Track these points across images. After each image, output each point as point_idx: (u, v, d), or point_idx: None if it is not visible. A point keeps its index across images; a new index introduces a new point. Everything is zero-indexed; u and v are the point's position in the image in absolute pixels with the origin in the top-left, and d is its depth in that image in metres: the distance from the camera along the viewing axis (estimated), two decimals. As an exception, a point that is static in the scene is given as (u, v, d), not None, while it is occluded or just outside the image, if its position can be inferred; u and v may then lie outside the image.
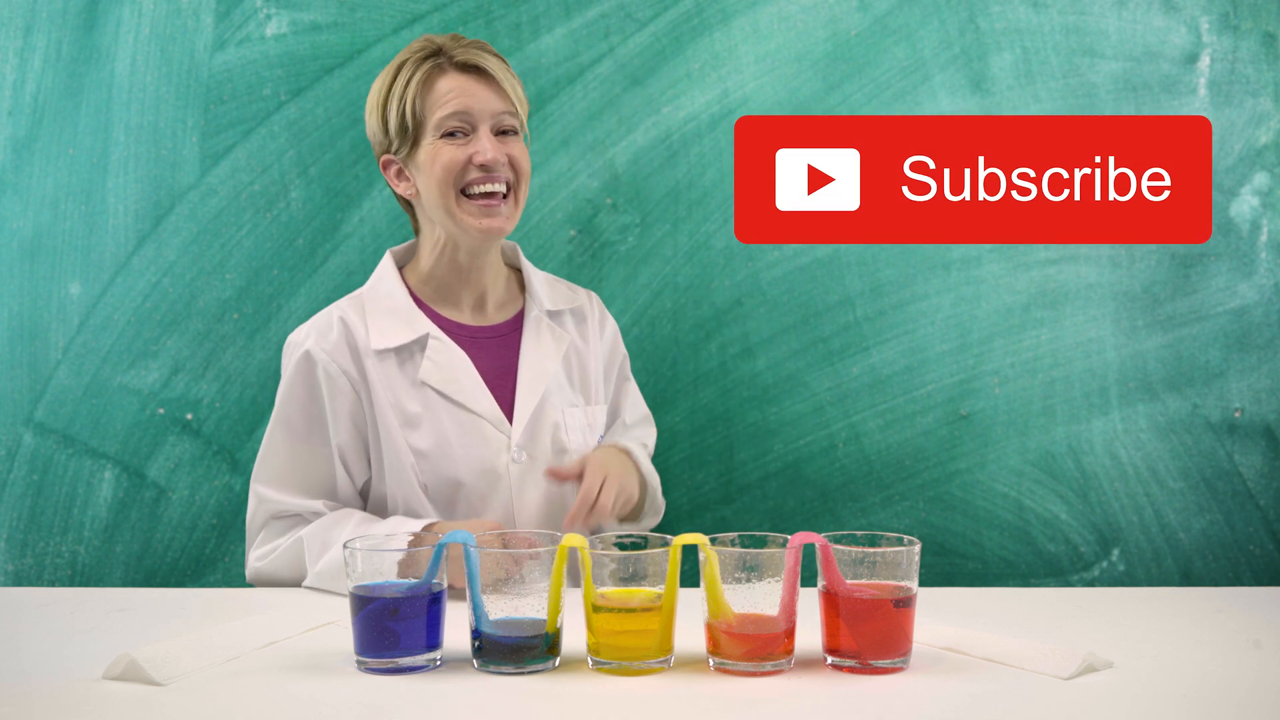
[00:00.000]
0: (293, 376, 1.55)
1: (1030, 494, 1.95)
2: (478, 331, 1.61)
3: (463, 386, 1.55)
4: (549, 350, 1.61)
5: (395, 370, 1.55)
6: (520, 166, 1.56)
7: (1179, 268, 1.95)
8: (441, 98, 1.52)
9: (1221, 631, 1.29)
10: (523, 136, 1.58)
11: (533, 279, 1.65)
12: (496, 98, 1.54)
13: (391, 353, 1.55)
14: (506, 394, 1.58)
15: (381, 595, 1.11)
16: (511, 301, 1.66)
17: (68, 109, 1.92)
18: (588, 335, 1.67)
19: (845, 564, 1.12)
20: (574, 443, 1.60)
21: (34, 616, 1.36)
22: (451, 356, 1.56)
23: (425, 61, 1.54)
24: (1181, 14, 1.94)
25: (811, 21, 1.95)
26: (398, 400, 1.54)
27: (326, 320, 1.57)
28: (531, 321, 1.63)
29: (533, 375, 1.59)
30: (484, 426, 1.55)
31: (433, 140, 1.53)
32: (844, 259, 1.95)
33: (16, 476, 1.92)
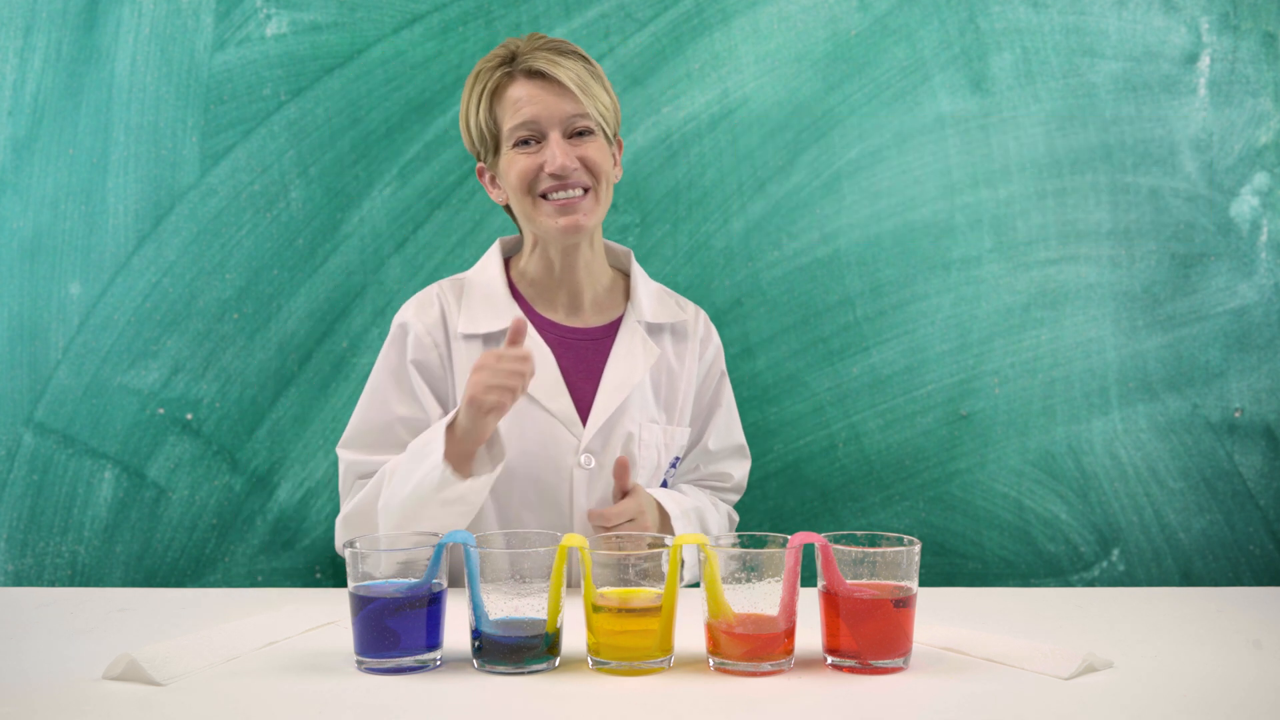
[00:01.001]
0: (388, 346, 1.58)
1: (1030, 494, 1.95)
2: (569, 332, 1.60)
3: (541, 382, 1.54)
4: (638, 361, 1.59)
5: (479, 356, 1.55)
6: (596, 167, 1.53)
7: (1179, 268, 1.95)
8: (511, 107, 1.52)
9: (1221, 631, 1.29)
10: (603, 135, 1.55)
11: (638, 287, 1.63)
12: (565, 102, 1.51)
13: (479, 338, 1.56)
14: (587, 398, 1.57)
15: (381, 595, 1.11)
16: (614, 307, 1.64)
17: (68, 109, 1.92)
18: (685, 354, 1.64)
19: (845, 564, 1.12)
20: (646, 458, 1.58)
21: (34, 616, 1.36)
22: (536, 352, 1.55)
23: (497, 70, 1.53)
24: (1181, 14, 1.94)
25: (811, 21, 1.95)
26: None
27: (428, 296, 1.60)
28: (626, 330, 1.61)
29: (616, 383, 1.57)
30: (555, 426, 1.54)
31: (508, 149, 1.53)
32: (844, 259, 1.95)
33: (16, 476, 1.92)
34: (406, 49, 1.93)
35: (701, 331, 1.67)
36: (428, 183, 1.94)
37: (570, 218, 1.52)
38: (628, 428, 1.57)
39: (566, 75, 1.51)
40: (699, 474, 1.69)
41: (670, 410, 1.62)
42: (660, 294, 1.67)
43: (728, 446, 1.70)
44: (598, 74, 1.56)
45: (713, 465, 1.69)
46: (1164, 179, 1.94)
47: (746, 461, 1.74)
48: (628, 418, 1.57)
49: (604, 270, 1.64)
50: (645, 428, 1.59)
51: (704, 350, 1.67)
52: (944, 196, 1.95)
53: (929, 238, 1.95)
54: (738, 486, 1.73)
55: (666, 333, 1.64)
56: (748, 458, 1.74)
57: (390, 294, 1.93)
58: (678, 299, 1.69)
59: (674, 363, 1.63)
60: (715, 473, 1.70)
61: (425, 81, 1.93)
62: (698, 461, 1.68)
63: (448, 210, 1.94)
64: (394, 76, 1.93)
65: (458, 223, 1.94)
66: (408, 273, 1.93)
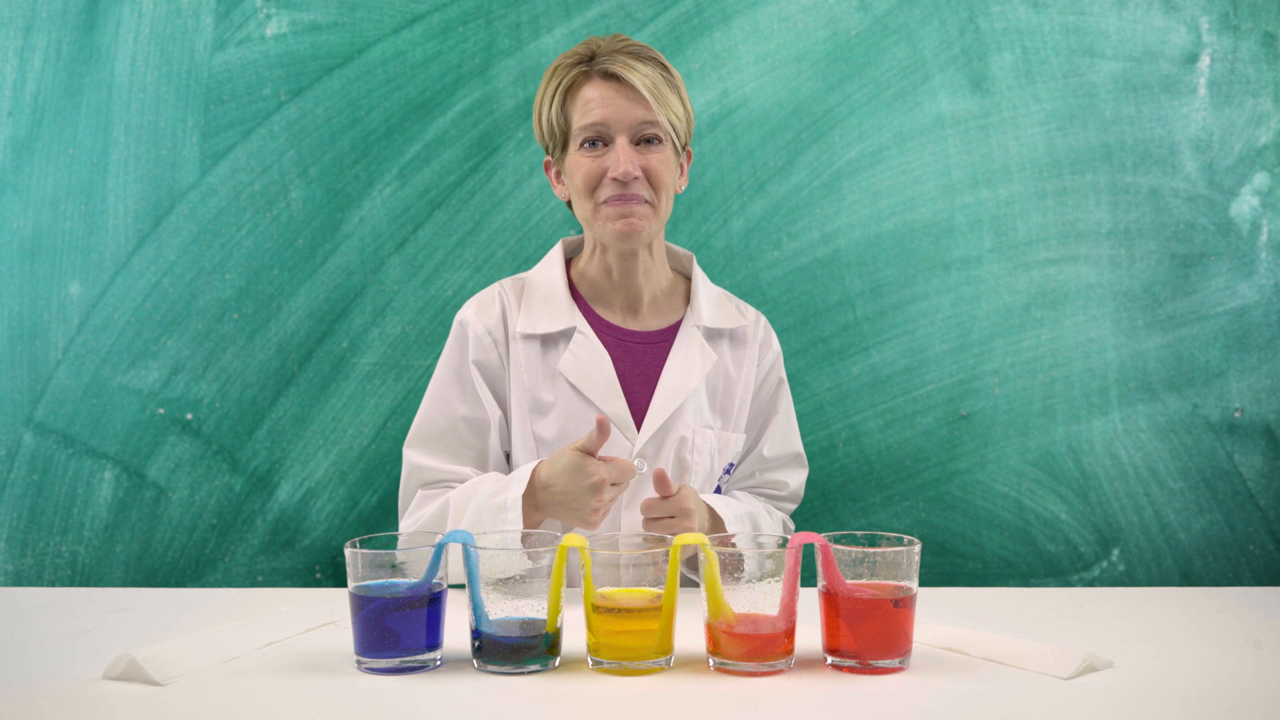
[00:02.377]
0: (450, 344, 1.60)
1: (1030, 494, 1.95)
2: (626, 334, 1.60)
3: (597, 384, 1.55)
4: (695, 366, 1.58)
5: (537, 356, 1.56)
6: (658, 179, 1.52)
7: (1179, 268, 1.95)
8: (582, 106, 1.52)
9: (1221, 631, 1.29)
10: (672, 145, 1.54)
11: (698, 292, 1.63)
12: (637, 108, 1.50)
13: (537, 339, 1.57)
14: (642, 401, 1.57)
15: (381, 595, 1.11)
16: (673, 310, 1.63)
17: (68, 109, 1.92)
18: (743, 360, 1.64)
19: (845, 564, 1.12)
20: (699, 463, 1.58)
21: (34, 616, 1.36)
22: (593, 353, 1.56)
23: (574, 68, 1.53)
24: (1181, 14, 1.94)
25: (811, 21, 1.95)
26: (533, 385, 1.55)
27: (490, 295, 1.61)
28: (684, 334, 1.60)
29: (672, 387, 1.56)
30: None
31: (575, 149, 1.53)
32: (844, 259, 1.95)
33: (16, 476, 1.92)
34: (406, 49, 1.93)
35: (761, 337, 1.66)
36: (428, 183, 1.94)
37: (625, 222, 1.52)
38: (681, 433, 1.56)
39: (641, 80, 1.50)
40: (754, 481, 1.68)
41: (726, 416, 1.61)
42: (721, 298, 1.66)
43: (784, 454, 1.68)
44: (675, 83, 1.55)
45: (768, 473, 1.68)
46: (1164, 179, 1.94)
47: (803, 470, 1.72)
48: (682, 423, 1.57)
49: (664, 274, 1.64)
50: (699, 433, 1.58)
51: (763, 356, 1.66)
52: (944, 196, 1.95)
53: (929, 238, 1.95)
54: (794, 495, 1.71)
55: (725, 338, 1.63)
56: (805, 466, 1.72)
57: (390, 294, 1.93)
58: (739, 304, 1.69)
59: (731, 368, 1.62)
60: (770, 480, 1.68)
61: (425, 81, 1.93)
62: (753, 468, 1.67)
63: (448, 210, 1.94)
64: (394, 76, 1.93)
65: (458, 223, 1.94)
66: (408, 273, 1.93)
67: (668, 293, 1.64)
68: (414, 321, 1.94)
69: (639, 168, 1.51)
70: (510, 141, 1.94)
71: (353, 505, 1.94)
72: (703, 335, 1.61)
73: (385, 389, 1.94)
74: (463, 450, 1.56)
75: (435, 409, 1.57)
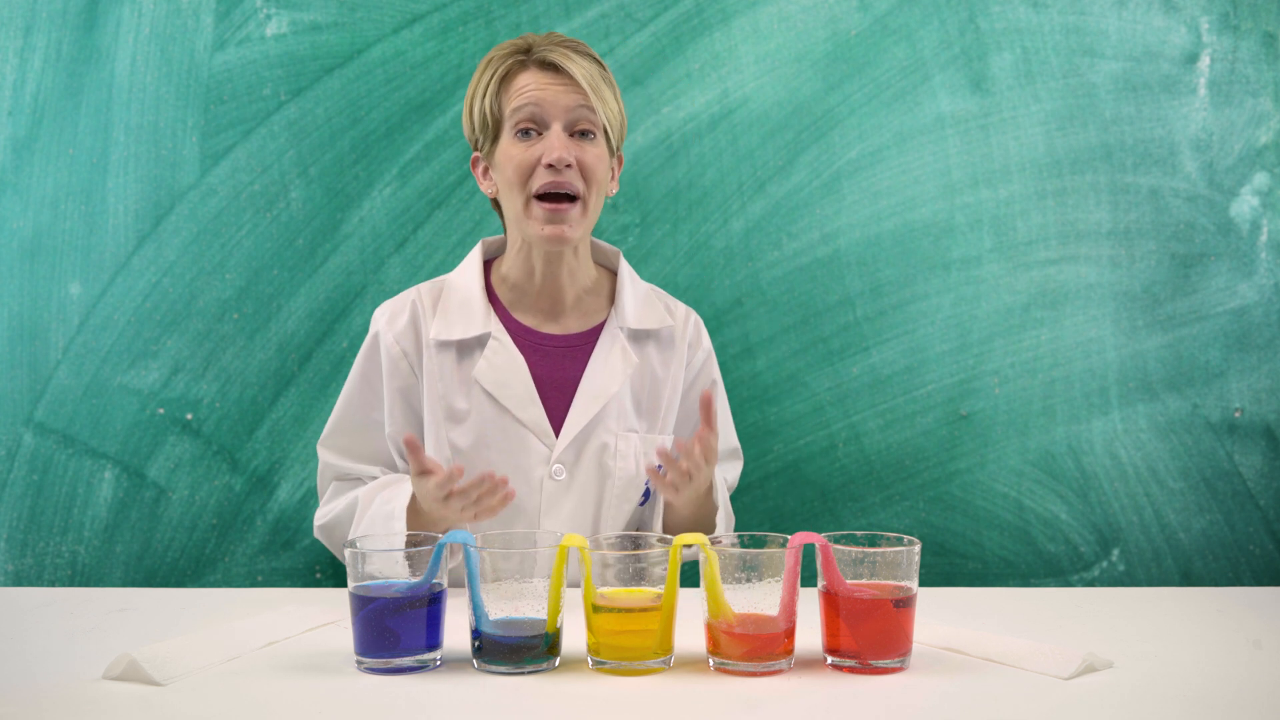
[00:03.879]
0: (363, 352, 1.61)
1: (1030, 494, 1.95)
2: (545, 339, 1.57)
3: (512, 391, 1.53)
4: (616, 370, 1.56)
5: (452, 363, 1.55)
6: (591, 172, 1.50)
7: (1179, 268, 1.95)
8: (516, 93, 1.50)
9: (1221, 631, 1.29)
10: (605, 142, 1.53)
11: (623, 293, 1.60)
12: (573, 95, 1.49)
13: (452, 346, 1.55)
14: (561, 407, 1.55)
15: (381, 595, 1.11)
16: (597, 310, 1.61)
17: (68, 109, 1.92)
18: (670, 360, 1.61)
19: (845, 564, 1.12)
20: (623, 468, 1.56)
21: (34, 616, 1.36)
22: (509, 359, 1.54)
23: (510, 58, 1.52)
24: (1181, 14, 1.94)
25: (811, 21, 1.95)
26: (447, 393, 1.54)
27: (402, 302, 1.60)
28: (607, 337, 1.58)
29: (591, 393, 1.55)
30: (526, 436, 1.53)
31: (508, 139, 1.51)
32: (844, 259, 1.95)
33: (16, 476, 1.92)
34: (406, 49, 1.93)
35: (690, 336, 1.63)
36: (428, 183, 1.94)
37: (556, 228, 1.50)
38: (603, 439, 1.55)
39: (579, 71, 1.49)
40: None
41: (652, 418, 1.60)
42: (649, 297, 1.63)
43: (724, 450, 1.69)
44: (610, 80, 1.54)
45: None
46: (1164, 179, 1.94)
47: (739, 463, 1.74)
48: (603, 428, 1.55)
49: (588, 272, 1.61)
50: (622, 438, 1.56)
51: (691, 355, 1.63)
52: (944, 196, 1.95)
53: (929, 238, 1.95)
54: (731, 485, 1.72)
55: (651, 338, 1.61)
56: (740, 459, 1.74)
57: (390, 294, 1.93)
58: (669, 302, 1.66)
59: (658, 369, 1.60)
60: None
61: (425, 81, 1.93)
62: None
63: (448, 210, 1.94)
64: (394, 76, 1.93)
65: (458, 223, 1.94)
66: (408, 273, 1.93)
67: (592, 292, 1.61)
68: (414, 321, 1.94)
69: (573, 156, 1.48)
70: (510, 141, 1.94)
71: (353, 505, 1.94)
72: (626, 337, 1.58)
73: (385, 389, 1.94)
74: (370, 451, 1.59)
75: (345, 412, 1.61)
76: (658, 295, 1.66)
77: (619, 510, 1.57)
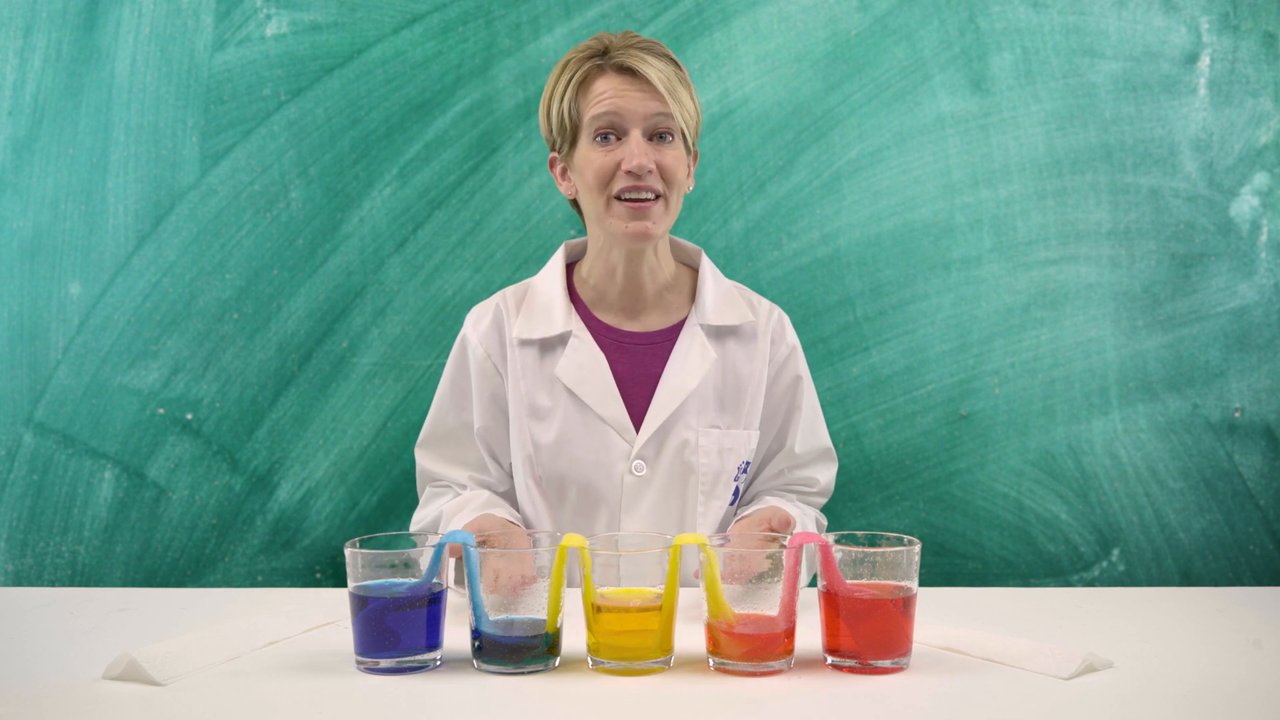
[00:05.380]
0: (453, 355, 1.63)
1: (1030, 494, 1.95)
2: (626, 336, 1.58)
3: (593, 388, 1.54)
4: (695, 366, 1.56)
5: (535, 362, 1.57)
6: (671, 174, 1.51)
7: (1179, 268, 1.95)
8: (595, 99, 1.50)
9: (1221, 631, 1.29)
10: (683, 142, 1.53)
11: (704, 288, 1.61)
12: (651, 100, 1.49)
13: (535, 344, 1.57)
14: (642, 403, 1.56)
15: (381, 595, 1.11)
16: (679, 307, 1.61)
17: (68, 109, 1.92)
18: (753, 355, 1.60)
19: (845, 564, 1.12)
20: (706, 464, 1.55)
21: (34, 616, 1.36)
22: (590, 357, 1.55)
23: (587, 61, 1.52)
24: (1181, 14, 1.94)
25: (811, 21, 1.95)
26: (530, 391, 1.56)
27: (488, 305, 1.63)
28: (687, 334, 1.58)
29: (671, 389, 1.55)
30: (607, 431, 1.54)
31: (587, 143, 1.52)
32: (844, 259, 1.95)
33: (16, 476, 1.92)
34: (406, 49, 1.93)
35: (773, 332, 1.63)
36: (428, 183, 1.94)
37: (639, 223, 1.50)
38: (683, 434, 1.55)
39: (656, 74, 1.49)
40: (785, 479, 1.64)
41: (735, 414, 1.59)
42: (731, 293, 1.63)
43: (813, 450, 1.65)
44: (686, 80, 1.54)
45: (798, 470, 1.64)
46: (1164, 179, 1.94)
47: (833, 465, 1.69)
48: (683, 424, 1.55)
49: (668, 269, 1.62)
50: (703, 434, 1.56)
51: (775, 351, 1.62)
52: (944, 196, 1.95)
53: (929, 238, 1.95)
54: (824, 490, 1.67)
55: (733, 334, 1.61)
56: (834, 460, 1.69)
57: (390, 294, 1.93)
58: (752, 298, 1.66)
59: (740, 365, 1.60)
60: (801, 477, 1.65)
61: (425, 81, 1.93)
62: (782, 466, 1.63)
63: (448, 210, 1.94)
64: (394, 76, 1.93)
65: (458, 223, 1.94)
66: (408, 273, 1.93)
67: (673, 289, 1.62)
68: (414, 321, 1.94)
69: (652, 161, 1.49)
70: (510, 141, 1.94)
71: (353, 505, 1.94)
72: (706, 333, 1.59)
73: (385, 389, 1.94)
74: (461, 454, 1.61)
75: (437, 415, 1.64)
76: (740, 292, 1.66)
77: (707, 508, 1.56)
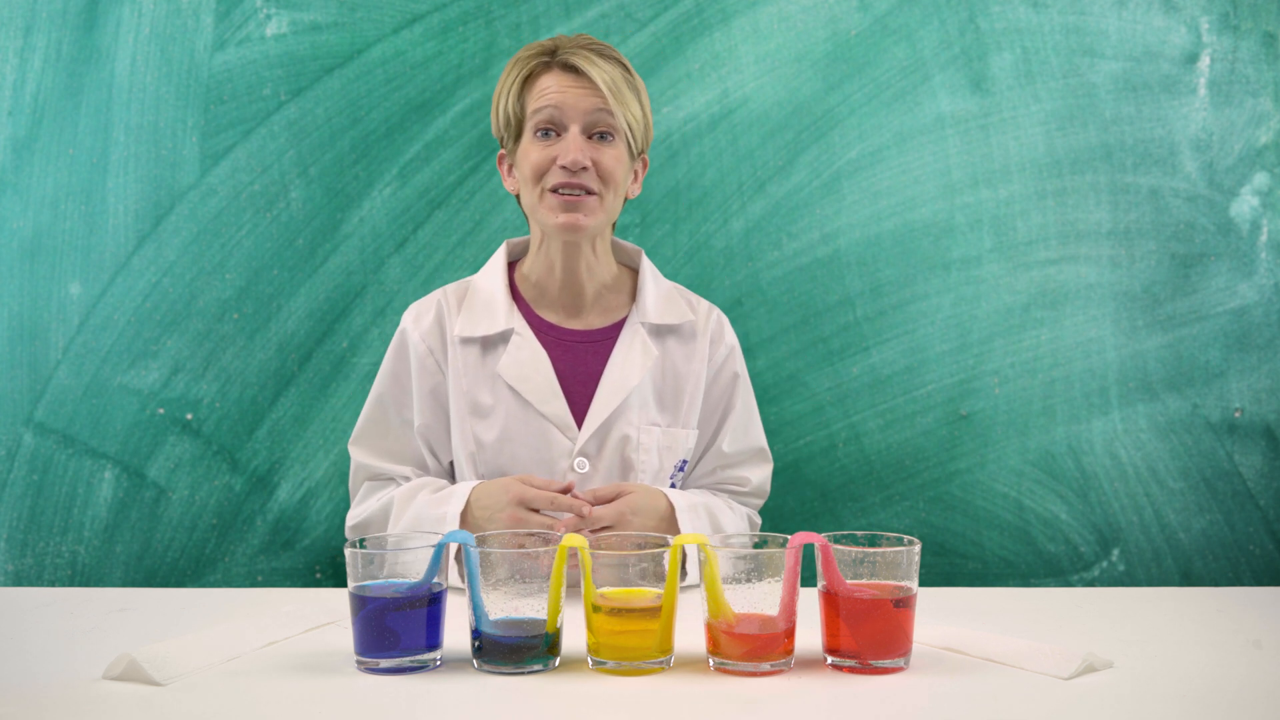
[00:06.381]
0: (391, 350, 1.63)
1: (1030, 494, 1.95)
2: (567, 334, 1.60)
3: (535, 386, 1.55)
4: (637, 363, 1.58)
5: (477, 359, 1.57)
6: (608, 173, 1.52)
7: (1179, 268, 1.95)
8: (538, 94, 1.53)
9: (1221, 631, 1.29)
10: (626, 145, 1.55)
11: (645, 288, 1.62)
12: (593, 98, 1.51)
13: (476, 342, 1.58)
14: (584, 401, 1.57)
15: (381, 595, 1.11)
16: (619, 307, 1.63)
17: (68, 109, 1.92)
18: (692, 354, 1.62)
19: (845, 564, 1.12)
20: (646, 462, 1.57)
21: (34, 616, 1.36)
22: (531, 354, 1.56)
23: (536, 59, 1.54)
24: (1181, 14, 1.94)
25: (811, 21, 1.95)
26: (472, 388, 1.57)
27: (429, 301, 1.63)
28: (629, 332, 1.60)
29: (612, 386, 1.56)
30: (549, 429, 1.55)
31: (528, 138, 1.54)
32: (844, 259, 1.95)
33: (16, 476, 1.92)
34: (406, 49, 1.93)
35: (712, 331, 1.64)
36: (428, 183, 1.94)
37: (570, 215, 1.52)
38: (625, 431, 1.56)
39: (600, 75, 1.51)
40: (715, 478, 1.66)
41: (674, 412, 1.60)
42: (671, 293, 1.65)
43: (745, 450, 1.66)
44: (636, 85, 1.55)
45: (729, 469, 1.65)
46: (1164, 179, 1.94)
47: (767, 465, 1.69)
48: (625, 421, 1.56)
49: (608, 270, 1.63)
50: (644, 431, 1.57)
51: (714, 351, 1.64)
52: (944, 196, 1.95)
53: (929, 238, 1.95)
54: (758, 490, 1.67)
55: (673, 333, 1.62)
56: (769, 460, 1.69)
57: (390, 294, 1.93)
58: (691, 299, 1.67)
59: (680, 363, 1.61)
60: (733, 477, 1.65)
61: (425, 81, 1.93)
62: (713, 464, 1.64)
63: (448, 210, 1.94)
64: (394, 76, 1.93)
65: (458, 223, 1.94)
66: (408, 273, 1.93)
67: (613, 289, 1.63)
68: (414, 321, 1.94)
69: (589, 159, 1.51)
70: (510, 141, 1.94)
71: (353, 505, 1.94)
72: (647, 332, 1.60)
73: (385, 389, 1.94)
74: (400, 450, 1.61)
75: (376, 411, 1.63)
76: (680, 292, 1.68)
77: None
